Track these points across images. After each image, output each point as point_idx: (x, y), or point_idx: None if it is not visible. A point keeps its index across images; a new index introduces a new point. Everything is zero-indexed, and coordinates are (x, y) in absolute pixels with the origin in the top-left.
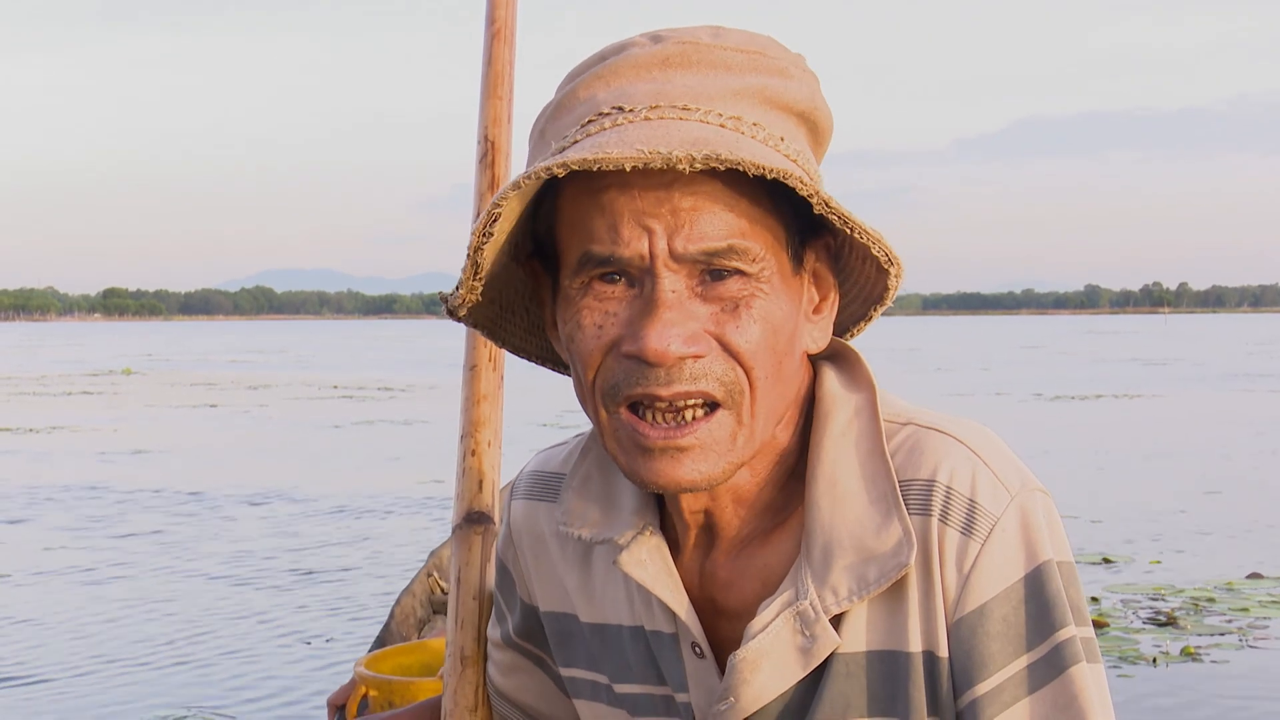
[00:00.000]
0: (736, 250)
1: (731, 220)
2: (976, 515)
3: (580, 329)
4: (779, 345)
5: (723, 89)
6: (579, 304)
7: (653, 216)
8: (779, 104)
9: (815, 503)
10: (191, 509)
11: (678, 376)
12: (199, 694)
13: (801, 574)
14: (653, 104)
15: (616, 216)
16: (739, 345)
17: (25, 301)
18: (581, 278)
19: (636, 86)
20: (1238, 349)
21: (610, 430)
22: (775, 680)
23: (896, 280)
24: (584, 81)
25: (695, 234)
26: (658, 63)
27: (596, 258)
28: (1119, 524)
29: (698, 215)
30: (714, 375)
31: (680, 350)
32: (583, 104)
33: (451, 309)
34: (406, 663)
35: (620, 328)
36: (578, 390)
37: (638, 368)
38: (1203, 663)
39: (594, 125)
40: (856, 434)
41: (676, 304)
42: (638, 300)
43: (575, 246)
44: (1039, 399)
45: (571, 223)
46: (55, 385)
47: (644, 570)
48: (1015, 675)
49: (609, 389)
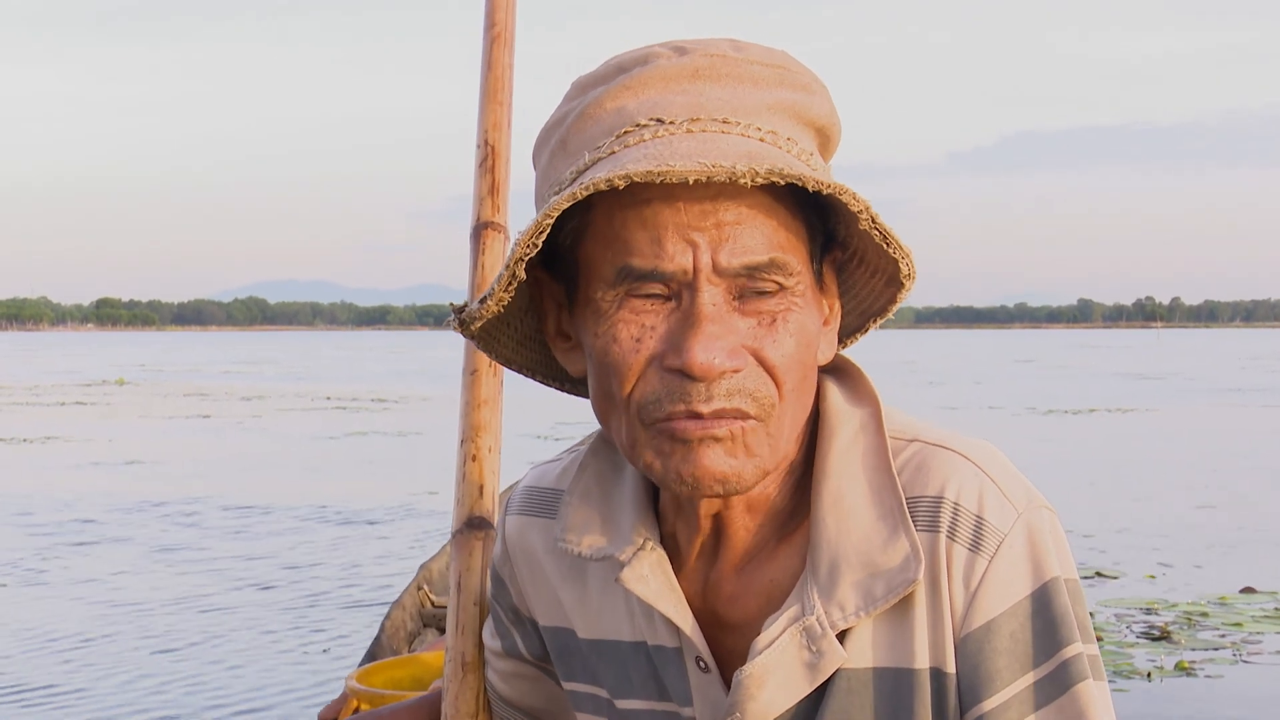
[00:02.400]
0: (777, 264)
1: (773, 234)
2: (984, 532)
3: (616, 342)
4: (807, 359)
5: (756, 103)
6: (614, 317)
7: (698, 230)
8: (804, 119)
9: (821, 518)
10: (183, 520)
11: (717, 392)
12: (190, 707)
13: (808, 589)
14: (692, 116)
15: (660, 230)
16: (774, 359)
17: (18, 311)
18: (618, 290)
19: (670, 99)
20: (1231, 364)
21: (646, 440)
22: (781, 696)
23: (905, 294)
24: (610, 92)
25: (739, 248)
26: (688, 75)
27: (637, 271)
28: (1112, 538)
29: (741, 229)
30: (748, 390)
31: (724, 364)
32: (612, 115)
33: (467, 320)
34: (398, 676)
35: (659, 342)
36: (601, 405)
37: (679, 382)
38: (1197, 677)
39: (631, 136)
40: (862, 449)
41: (718, 318)
42: (676, 314)
43: (611, 260)
44: (1032, 413)
45: (606, 235)
46: (48, 395)
47: (646, 586)
48: (1022, 692)
49: (649, 404)
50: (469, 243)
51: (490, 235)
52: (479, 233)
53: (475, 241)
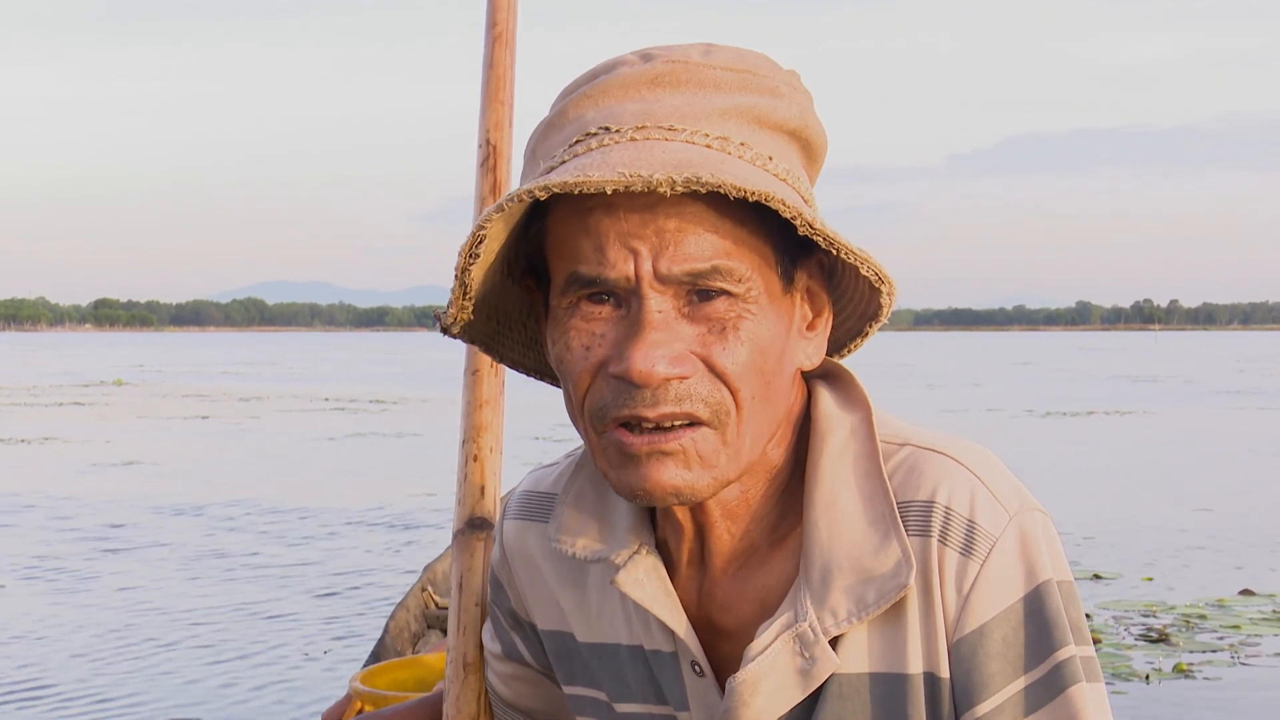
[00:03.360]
0: (721, 271)
1: (716, 241)
2: (975, 536)
3: (568, 349)
4: (767, 365)
5: (710, 108)
6: (567, 324)
7: (638, 238)
8: (768, 123)
9: (813, 523)
10: (182, 521)
11: (663, 397)
12: (192, 709)
13: (800, 595)
14: (639, 124)
15: (602, 238)
16: (725, 367)
17: (16, 311)
18: (569, 298)
19: (624, 106)
20: (1229, 366)
21: (600, 448)
22: (775, 702)
23: (889, 298)
24: (574, 100)
25: (680, 255)
26: (646, 82)
27: (583, 278)
28: (1110, 540)
29: (682, 236)
30: (699, 396)
31: (665, 371)
32: (571, 123)
33: (444, 327)
34: (402, 677)
35: (608, 348)
36: (568, 408)
37: (625, 389)
38: (1195, 679)
39: (581, 145)
40: (853, 454)
41: (663, 325)
42: (624, 321)
43: (563, 267)
44: (1030, 415)
45: (559, 243)
46: (46, 396)
47: (642, 590)
48: (1015, 695)
49: (597, 410)
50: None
51: None
52: None
53: None
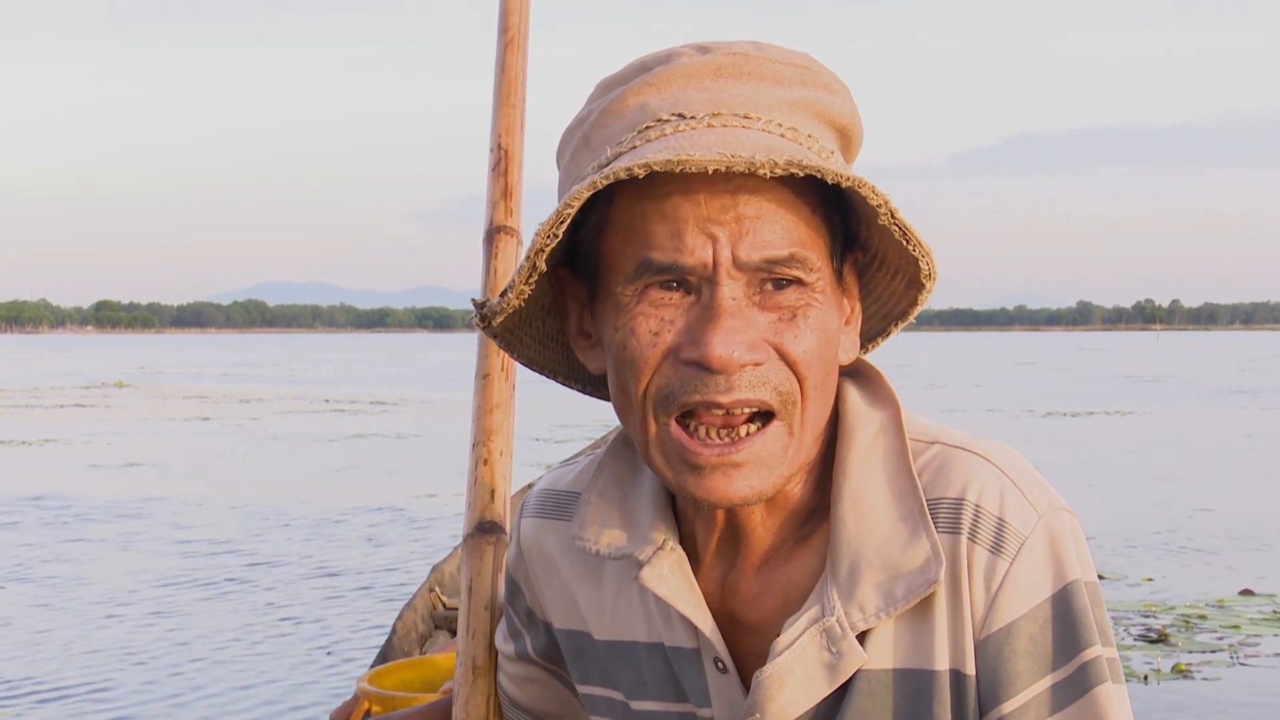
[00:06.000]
0: (797, 259)
1: (793, 229)
2: (1005, 534)
3: (634, 335)
4: (829, 355)
5: (778, 100)
6: (633, 311)
7: (717, 224)
8: (825, 118)
9: (841, 519)
10: (185, 523)
11: (738, 384)
12: (200, 709)
13: (827, 590)
14: (714, 111)
15: (680, 223)
16: (796, 354)
17: (17, 313)
18: (637, 285)
19: (692, 95)
20: (1230, 366)
21: (657, 443)
22: (801, 697)
23: (927, 295)
24: (633, 89)
25: (759, 242)
26: (710, 72)
27: (656, 265)
28: (1111, 540)
29: (761, 223)
30: (771, 384)
31: (743, 357)
32: (635, 111)
33: (488, 315)
34: (409, 678)
35: (678, 335)
36: (618, 401)
37: (697, 375)
38: (1194, 680)
39: (653, 131)
40: (883, 451)
41: (738, 312)
42: (695, 308)
43: (631, 253)
44: (1031, 415)
45: (627, 229)
46: (48, 398)
47: (666, 586)
48: (1041, 694)
49: (663, 397)
50: (481, 246)
51: (503, 239)
52: (492, 236)
53: (488, 245)
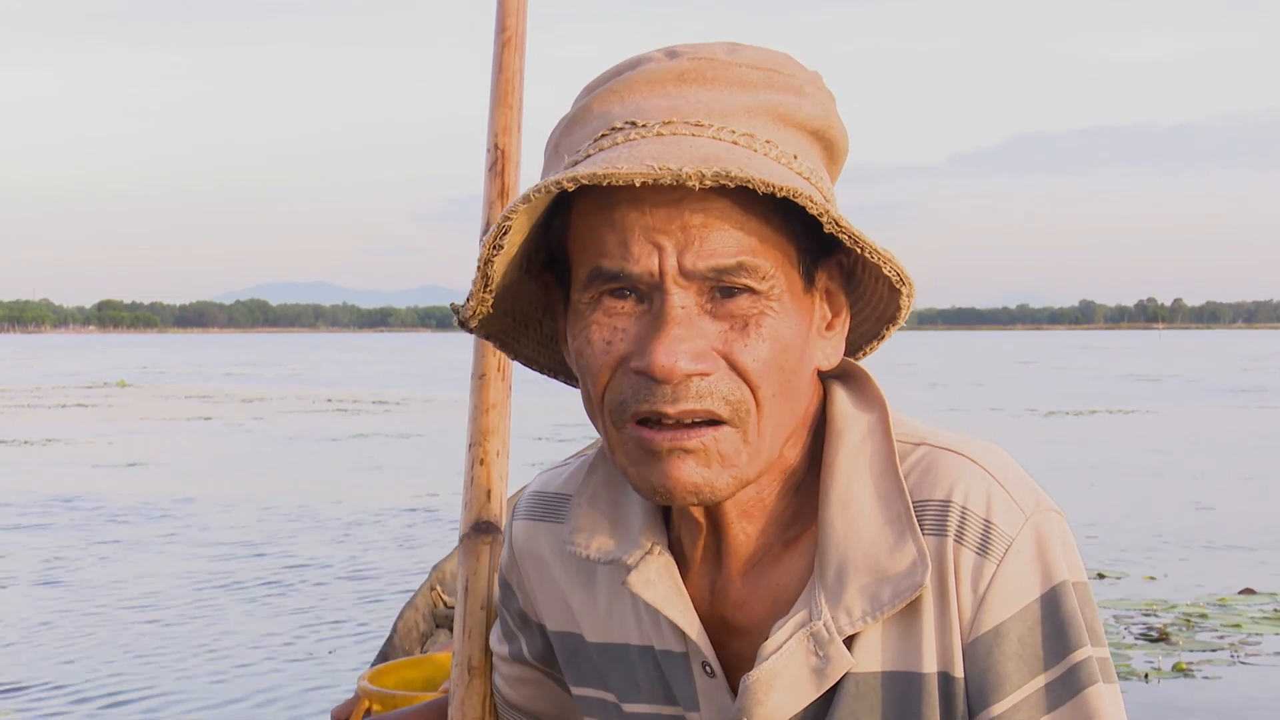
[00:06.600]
0: (746, 267)
1: (741, 238)
2: (992, 536)
3: (589, 344)
4: (787, 363)
5: (736, 106)
6: (588, 319)
7: (663, 233)
8: (792, 121)
9: (829, 522)
10: (187, 522)
11: (684, 394)
12: (200, 707)
13: (815, 594)
14: (666, 119)
15: (627, 232)
16: (746, 364)
17: (20, 313)
18: (591, 292)
19: (651, 102)
20: (1232, 365)
21: (619, 444)
22: (789, 701)
23: (908, 300)
24: (599, 96)
25: (705, 251)
26: (673, 78)
27: (607, 273)
28: (1112, 539)
29: (708, 232)
30: (719, 394)
31: (687, 367)
32: (597, 118)
33: (463, 320)
34: (410, 676)
35: (629, 344)
36: (586, 405)
37: (645, 384)
38: (1195, 679)
39: (606, 140)
40: (869, 454)
41: (685, 321)
42: (646, 316)
43: (586, 261)
44: (1033, 414)
45: (582, 237)
46: (50, 397)
47: (653, 590)
48: (1032, 696)
49: (617, 405)
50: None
51: None
52: None
53: None
